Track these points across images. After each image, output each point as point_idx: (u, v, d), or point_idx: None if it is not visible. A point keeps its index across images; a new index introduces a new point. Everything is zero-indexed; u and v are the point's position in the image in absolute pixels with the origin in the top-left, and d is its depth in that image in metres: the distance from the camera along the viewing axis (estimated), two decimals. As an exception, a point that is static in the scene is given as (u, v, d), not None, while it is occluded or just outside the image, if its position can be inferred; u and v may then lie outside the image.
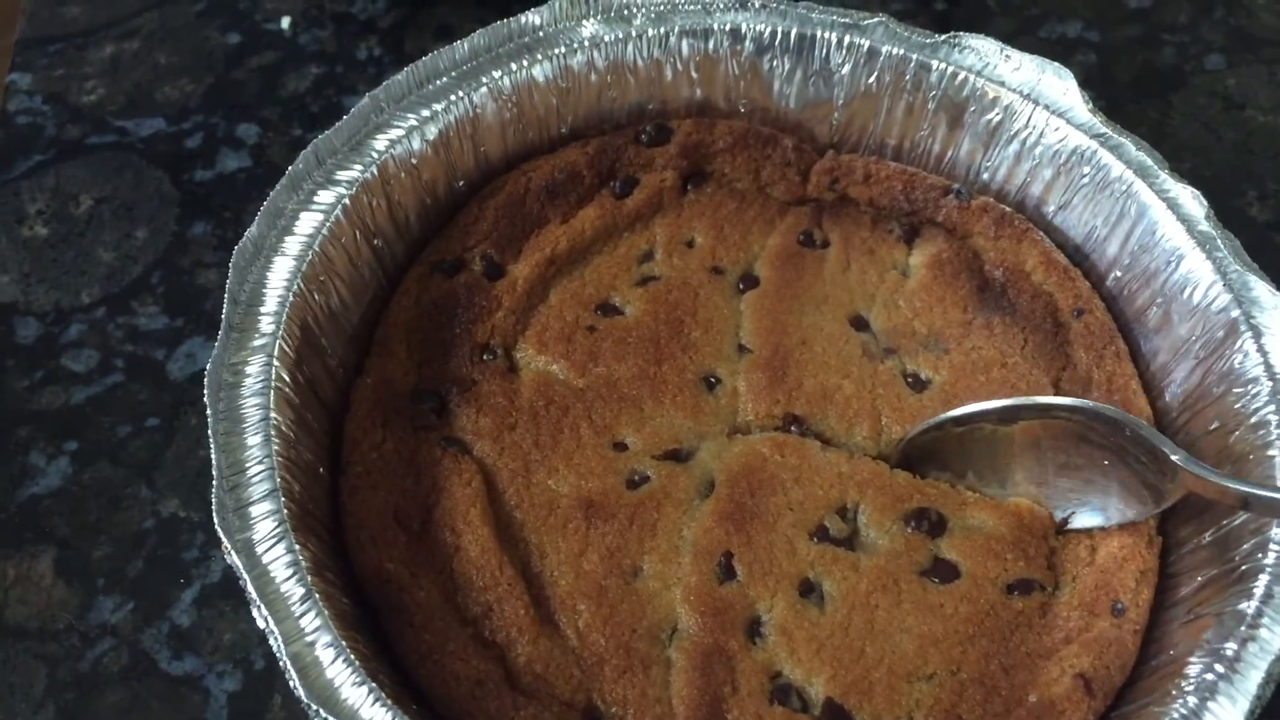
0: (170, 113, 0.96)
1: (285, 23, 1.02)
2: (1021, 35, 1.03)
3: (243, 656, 0.73)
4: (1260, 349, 0.68)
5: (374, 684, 0.55)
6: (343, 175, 0.73)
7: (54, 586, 0.75)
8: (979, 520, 0.70)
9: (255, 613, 0.56)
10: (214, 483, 0.59)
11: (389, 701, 0.55)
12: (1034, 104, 0.79)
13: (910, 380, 0.75)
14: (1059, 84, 0.79)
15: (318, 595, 0.57)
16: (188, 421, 0.81)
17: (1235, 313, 0.70)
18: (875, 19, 0.82)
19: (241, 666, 0.72)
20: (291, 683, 0.55)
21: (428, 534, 0.67)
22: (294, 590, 0.57)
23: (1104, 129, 0.77)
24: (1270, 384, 0.67)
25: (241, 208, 0.90)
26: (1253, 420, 0.67)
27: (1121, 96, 0.77)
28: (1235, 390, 0.68)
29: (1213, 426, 0.69)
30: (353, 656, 0.56)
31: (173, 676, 0.72)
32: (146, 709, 0.71)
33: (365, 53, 1.00)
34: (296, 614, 0.57)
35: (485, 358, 0.74)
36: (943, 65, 0.80)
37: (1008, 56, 0.80)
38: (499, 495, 0.69)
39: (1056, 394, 0.74)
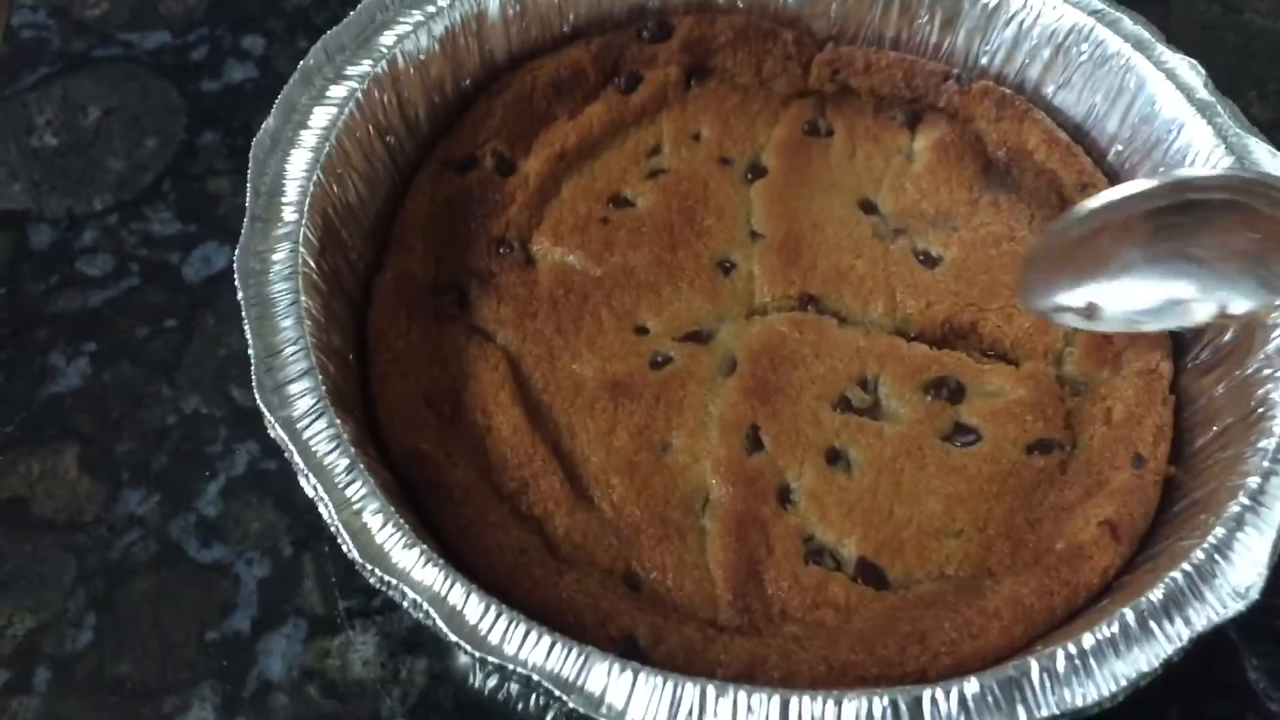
0: (175, 26, 0.96)
1: None
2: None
3: (271, 545, 0.73)
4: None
5: (424, 546, 0.56)
6: (353, 70, 0.73)
7: (79, 481, 0.75)
8: (996, 385, 0.71)
9: (303, 482, 0.57)
10: (252, 363, 0.60)
11: (441, 562, 0.55)
12: (1030, -16, 0.80)
13: (921, 258, 0.76)
14: (1054, -37, 0.80)
15: (361, 466, 0.58)
16: (205, 323, 0.82)
17: (1238, 174, 0.71)
18: (871, -91, 0.82)
19: (270, 554, 0.73)
20: (345, 547, 0.55)
21: (459, 417, 0.68)
22: (339, 461, 0.58)
23: (1100, 5, 0.78)
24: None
25: (250, 117, 0.90)
26: (1261, 274, 0.68)
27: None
28: (1241, 248, 0.70)
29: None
30: (402, 521, 0.57)
31: (202, 564, 0.72)
32: (177, 595, 0.71)
33: None
34: (342, 484, 0.57)
35: (502, 251, 0.75)
36: (939, -48, 0.81)
37: (1003, -60, 0.81)
38: (525, 380, 0.70)
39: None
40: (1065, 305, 0.69)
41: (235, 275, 0.63)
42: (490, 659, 0.53)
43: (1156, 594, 0.56)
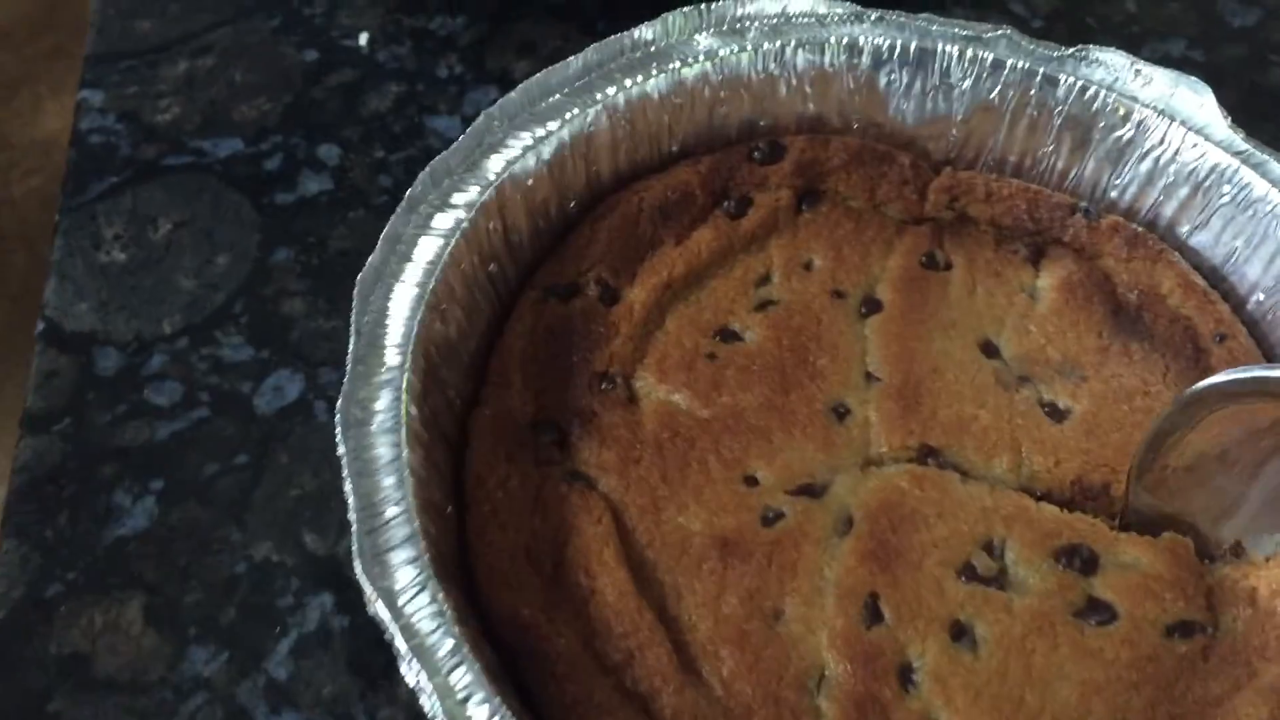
0: (248, 133, 0.93)
1: (363, 39, 0.98)
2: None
3: (344, 711, 0.69)
4: None
5: (532, 743, 0.52)
6: (459, 198, 0.69)
7: (144, 635, 0.71)
8: (1132, 557, 0.67)
9: (404, 668, 0.53)
10: (353, 529, 0.56)
11: (549, 761, 0.52)
12: (1169, 119, 0.76)
13: (1048, 409, 0.72)
14: (1194, 98, 0.76)
15: (466, 648, 0.54)
16: (277, 459, 0.78)
17: (1400, 341, 0.67)
18: (999, 31, 0.79)
19: None
20: (448, 743, 0.51)
21: (561, 576, 0.64)
22: (442, 642, 0.54)
23: (1245, 145, 0.74)
24: None
25: (325, 233, 0.87)
26: None
27: (1234, 119, 0.75)
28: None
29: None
30: (508, 712, 0.53)
31: None
32: None
33: (445, 70, 0.97)
34: (445, 669, 0.54)
35: (604, 387, 0.71)
36: (1070, 79, 0.77)
37: (1138, 70, 0.77)
38: (628, 533, 0.66)
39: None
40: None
41: (337, 428, 0.59)
42: None
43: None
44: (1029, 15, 1.03)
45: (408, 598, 0.55)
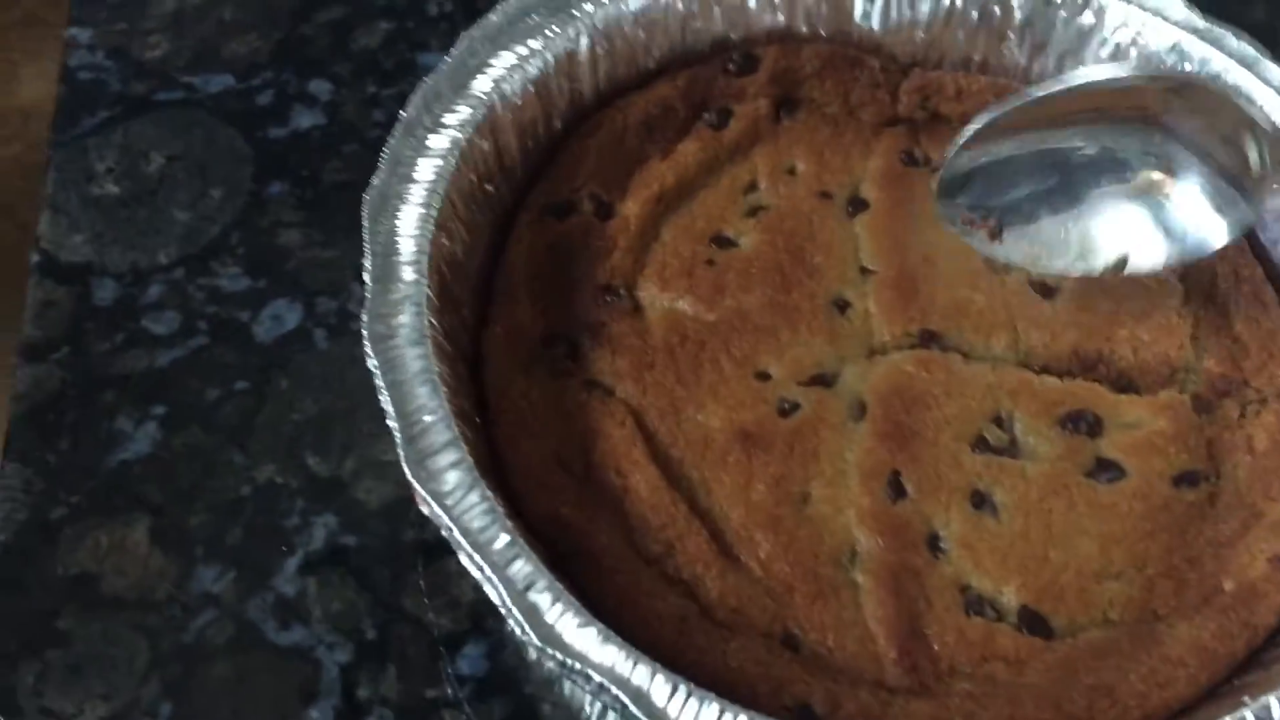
0: (239, 69, 0.92)
1: None
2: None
3: (353, 626, 0.70)
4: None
5: (599, 625, 0.53)
6: (451, 119, 0.70)
7: (150, 555, 0.71)
8: (1134, 417, 0.69)
9: (467, 562, 0.54)
10: (397, 438, 0.56)
11: (617, 639, 0.52)
12: (1126, 3, 0.78)
13: (1038, 288, 0.74)
14: (1149, -18, 0.78)
15: (522, 540, 0.55)
16: (278, 385, 0.78)
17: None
18: (957, -67, 0.80)
19: (352, 637, 0.69)
20: (520, 630, 0.52)
21: (593, 477, 0.65)
22: (498, 536, 0.55)
23: (1202, 22, 0.77)
24: None
25: (319, 166, 0.86)
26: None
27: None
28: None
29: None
30: (571, 598, 0.53)
31: (281, 648, 0.69)
32: (256, 682, 0.68)
33: (436, 8, 0.96)
34: (503, 562, 0.54)
35: (609, 299, 0.72)
36: (1028, -28, 0.79)
37: (1094, -40, 0.79)
38: (651, 434, 0.67)
39: (1184, 290, 0.74)
40: (970, 218, 0.69)
41: (365, 343, 0.59)
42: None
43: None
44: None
45: (457, 498, 0.56)
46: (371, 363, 0.59)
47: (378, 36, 0.94)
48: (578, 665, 0.51)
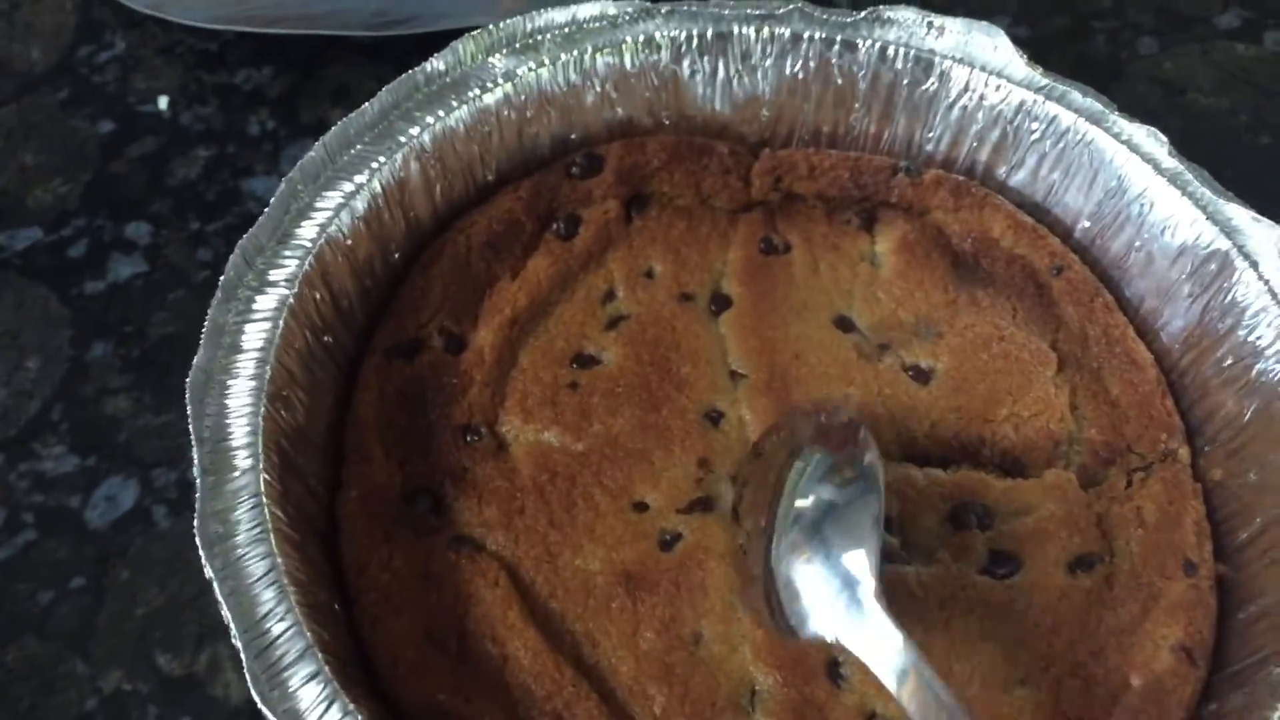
0: (47, 219, 0.85)
1: (163, 103, 0.91)
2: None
3: None
4: (1260, 277, 0.68)
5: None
6: (277, 274, 0.65)
7: None
8: (1023, 502, 0.67)
9: (331, 797, 0.49)
10: (243, 656, 0.51)
11: None
12: (969, 66, 0.76)
13: (913, 373, 0.72)
14: (989, 42, 0.77)
15: (391, 760, 0.51)
16: (118, 577, 0.71)
17: (1224, 244, 0.69)
18: (789, 6, 0.78)
19: None
20: None
21: (468, 651, 0.60)
22: (365, 760, 0.50)
23: (1045, 80, 0.75)
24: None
25: (144, 319, 0.80)
26: (1274, 348, 0.66)
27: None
28: (1245, 322, 0.67)
29: (1226, 362, 0.68)
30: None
31: None
32: None
33: (257, 127, 0.91)
34: (373, 786, 0.50)
35: (470, 440, 0.68)
36: (868, 41, 0.77)
37: (930, 23, 0.78)
38: (528, 588, 0.63)
39: (1057, 358, 0.72)
40: None
41: (200, 548, 0.54)
42: None
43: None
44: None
45: (316, 717, 0.51)
46: (208, 571, 0.54)
47: (196, 166, 0.88)
48: None
